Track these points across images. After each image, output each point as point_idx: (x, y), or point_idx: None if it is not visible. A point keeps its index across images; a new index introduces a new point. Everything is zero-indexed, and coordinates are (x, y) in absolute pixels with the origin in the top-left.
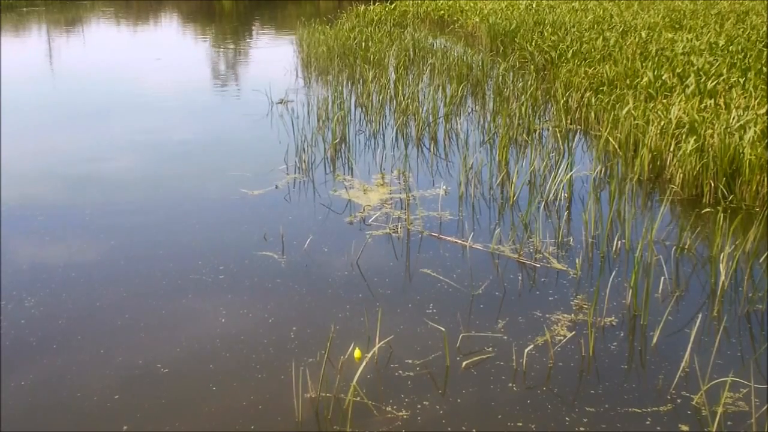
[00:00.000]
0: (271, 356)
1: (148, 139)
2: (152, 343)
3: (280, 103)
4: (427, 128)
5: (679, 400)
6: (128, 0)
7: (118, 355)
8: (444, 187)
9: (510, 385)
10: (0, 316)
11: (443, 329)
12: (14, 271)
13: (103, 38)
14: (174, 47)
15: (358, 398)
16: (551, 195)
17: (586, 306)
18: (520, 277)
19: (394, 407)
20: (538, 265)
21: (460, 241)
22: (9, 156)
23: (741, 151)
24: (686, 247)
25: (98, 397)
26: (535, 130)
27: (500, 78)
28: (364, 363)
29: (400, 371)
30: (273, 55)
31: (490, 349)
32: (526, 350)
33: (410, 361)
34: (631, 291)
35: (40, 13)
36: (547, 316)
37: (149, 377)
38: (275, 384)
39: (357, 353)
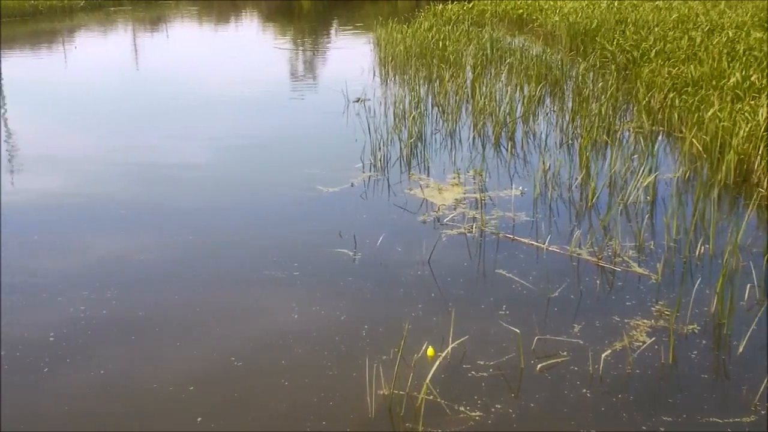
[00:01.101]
0: (342, 353)
1: (226, 136)
2: (227, 337)
3: (357, 101)
4: (503, 128)
5: (762, 412)
6: (211, 0)
7: (193, 348)
8: (520, 188)
9: (585, 390)
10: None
11: (518, 331)
12: (97, 263)
13: (185, 37)
14: (253, 46)
15: (431, 397)
16: (632, 198)
17: (667, 312)
18: (598, 281)
19: (467, 407)
20: (618, 269)
21: (536, 243)
22: (92, 151)
23: None
24: None
25: (173, 387)
26: (615, 131)
27: (580, 78)
28: (437, 362)
29: (473, 372)
30: (350, 54)
31: (566, 353)
32: (602, 355)
33: (483, 362)
34: (715, 298)
35: (126, 12)
36: (626, 321)
37: (223, 370)
38: (347, 381)
39: (430, 352)
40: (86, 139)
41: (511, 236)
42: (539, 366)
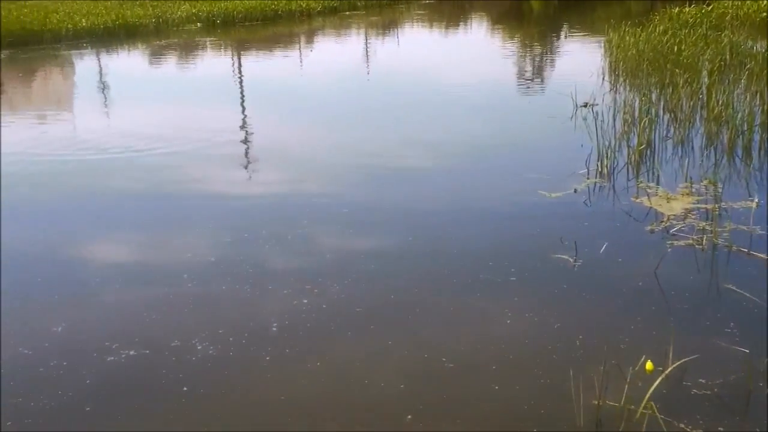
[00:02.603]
0: (554, 362)
1: (451, 138)
2: (438, 338)
3: (585, 106)
4: (740, 137)
5: None
6: (441, 1)
7: (405, 346)
8: (756, 199)
9: None
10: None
11: (746, 351)
12: (319, 260)
13: (415, 40)
14: (481, 49)
15: (648, 411)
16: None
17: None
18: None
19: (688, 426)
20: None
21: None
22: (320, 149)
23: None
24: None
25: (385, 384)
26: None
27: None
28: (660, 377)
29: (695, 390)
30: (579, 58)
31: None
32: None
33: (706, 381)
34: None
35: (359, 16)
36: None
37: (434, 371)
38: (557, 389)
39: (648, 366)
40: (315, 137)
41: (746, 250)
42: None
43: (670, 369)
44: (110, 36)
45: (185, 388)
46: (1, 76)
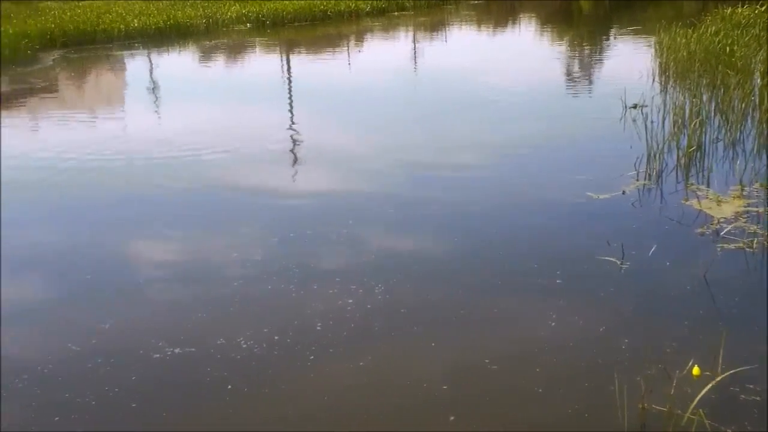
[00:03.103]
0: (598, 365)
1: (498, 138)
2: (482, 339)
3: (634, 107)
4: None
5: None
6: (489, 1)
7: (449, 347)
8: None
9: None
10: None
11: None
12: (365, 260)
13: (463, 40)
14: (530, 49)
15: (695, 416)
16: None
17: None
18: None
19: None
20: None
21: None
22: (366, 149)
23: None
24: None
25: (428, 384)
26: None
27: None
28: (709, 382)
29: (743, 396)
30: (629, 59)
31: None
32: None
33: (756, 387)
34: None
35: (408, 17)
36: None
37: (477, 372)
38: (601, 392)
39: (695, 371)
40: (363, 137)
41: None
42: None
43: (719, 375)
44: (161, 36)
45: (229, 386)
46: (55, 75)
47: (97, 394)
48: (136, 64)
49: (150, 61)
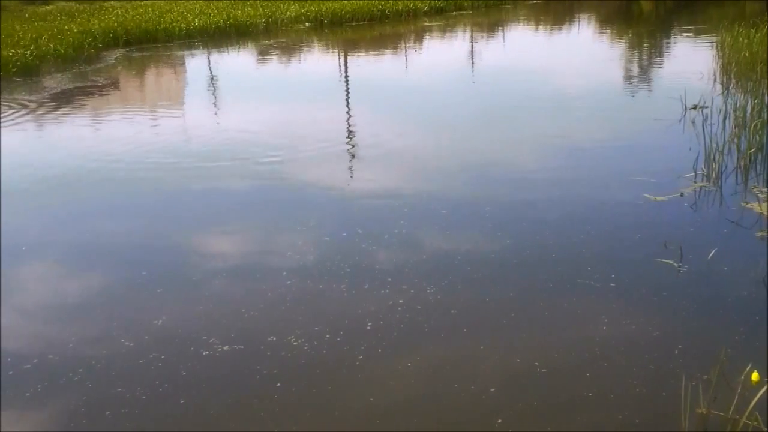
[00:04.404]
0: (650, 371)
1: (556, 139)
2: (532, 342)
3: (694, 108)
4: None
5: None
6: (547, 1)
7: (498, 350)
8: None
9: None
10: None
11: None
12: (417, 260)
13: (520, 40)
14: (588, 50)
15: (751, 421)
16: None
17: None
18: None
19: None
20: None
21: None
22: (422, 149)
23: None
24: None
25: (476, 387)
26: None
27: None
28: (763, 387)
29: None
30: (689, 60)
31: None
32: None
33: None
34: None
35: (466, 17)
36: None
37: (526, 375)
38: (655, 398)
39: (754, 376)
40: (420, 137)
41: None
42: None
43: None
44: (221, 35)
45: (278, 384)
46: (117, 73)
47: (147, 390)
48: (196, 63)
49: (209, 60)
